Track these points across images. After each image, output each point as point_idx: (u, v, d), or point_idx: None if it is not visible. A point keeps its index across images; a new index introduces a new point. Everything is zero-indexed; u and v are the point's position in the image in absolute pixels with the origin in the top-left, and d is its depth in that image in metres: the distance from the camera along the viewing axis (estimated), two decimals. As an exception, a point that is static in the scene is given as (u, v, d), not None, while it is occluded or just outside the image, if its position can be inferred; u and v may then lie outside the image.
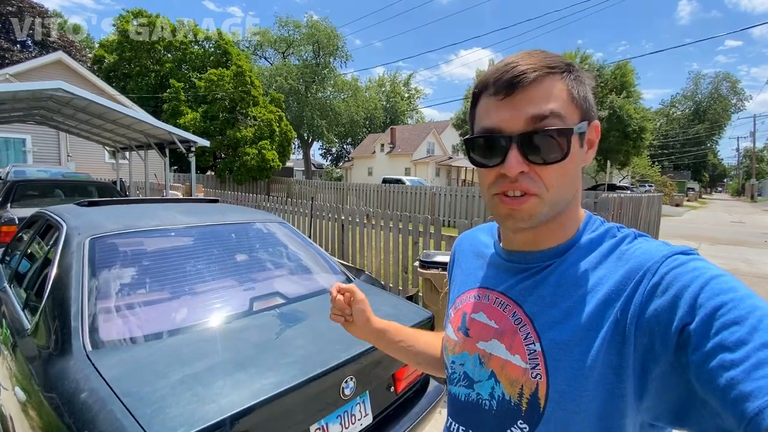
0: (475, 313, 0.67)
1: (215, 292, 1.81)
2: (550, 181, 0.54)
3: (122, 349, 1.37)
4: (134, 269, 1.77)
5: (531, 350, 0.57)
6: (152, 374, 1.24)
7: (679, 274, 0.48)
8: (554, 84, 0.54)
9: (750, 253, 9.09)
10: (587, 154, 0.59)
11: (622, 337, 0.49)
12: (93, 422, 1.04)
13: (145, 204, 2.51)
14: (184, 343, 1.44)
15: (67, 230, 1.84)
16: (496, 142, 0.55)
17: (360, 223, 5.16)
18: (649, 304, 0.48)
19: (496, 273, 0.67)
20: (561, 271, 0.58)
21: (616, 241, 0.58)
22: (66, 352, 1.32)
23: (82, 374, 1.22)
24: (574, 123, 0.54)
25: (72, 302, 1.46)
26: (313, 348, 1.49)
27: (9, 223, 4.55)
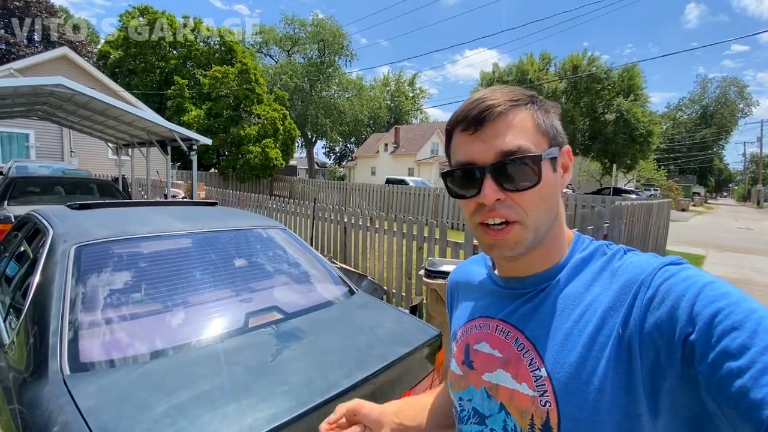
0: (477, 344, 0.66)
1: (209, 306, 1.69)
2: (527, 206, 0.56)
3: (102, 373, 1.25)
4: (122, 281, 1.65)
5: (537, 376, 0.55)
6: (133, 406, 1.12)
7: (672, 284, 0.48)
8: (518, 115, 0.57)
9: (760, 262, 8.89)
10: (563, 177, 0.62)
11: (627, 354, 0.49)
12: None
13: (139, 207, 2.39)
14: (172, 367, 1.32)
15: (53, 236, 1.73)
16: (471, 173, 0.57)
17: (363, 226, 5.04)
18: (648, 317, 0.48)
19: (494, 301, 0.67)
20: (557, 293, 0.59)
21: (607, 258, 0.59)
22: (41, 375, 1.20)
23: (56, 404, 1.10)
24: (542, 150, 0.57)
25: (51, 317, 1.35)
26: (313, 373, 1.36)
27: (4, 221, 4.45)
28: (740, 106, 52.89)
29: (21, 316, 1.46)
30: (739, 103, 52.78)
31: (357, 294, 2.15)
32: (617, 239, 3.66)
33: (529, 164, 0.55)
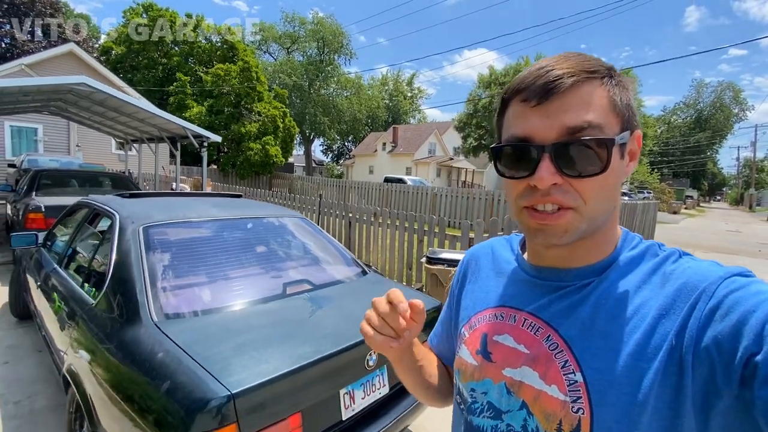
0: (498, 335, 0.61)
1: (252, 276, 2.07)
2: (588, 194, 0.50)
3: (182, 320, 1.62)
4: (182, 254, 2.03)
5: (571, 380, 0.51)
6: (212, 341, 1.49)
7: (740, 297, 0.43)
8: (594, 90, 0.50)
9: (744, 263, 9.30)
10: (628, 166, 0.55)
11: (678, 368, 0.45)
12: (173, 375, 1.29)
13: (180, 198, 2.75)
14: (232, 318, 1.70)
15: (121, 219, 2.09)
16: (526, 151, 0.51)
17: (367, 220, 5.41)
18: (706, 331, 0.44)
19: (522, 291, 0.62)
20: (601, 291, 0.53)
21: (660, 260, 0.54)
22: (136, 321, 1.57)
23: (154, 339, 1.47)
24: (614, 133, 0.50)
25: (136, 280, 1.71)
26: (342, 325, 1.74)
27: (36, 210, 4.79)
28: (735, 111, 53.62)
29: (105, 281, 1.83)
30: (734, 107, 53.51)
31: (370, 273, 2.52)
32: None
33: (598, 148, 0.48)
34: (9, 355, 3.13)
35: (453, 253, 3.28)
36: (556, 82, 0.48)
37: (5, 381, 2.78)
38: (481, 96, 24.67)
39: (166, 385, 1.27)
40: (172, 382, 1.28)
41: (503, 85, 21.85)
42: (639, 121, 0.55)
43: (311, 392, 1.48)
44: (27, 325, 3.62)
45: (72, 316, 1.96)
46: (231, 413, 1.21)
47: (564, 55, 0.52)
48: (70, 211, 2.97)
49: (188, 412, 1.19)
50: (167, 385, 1.27)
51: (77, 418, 1.93)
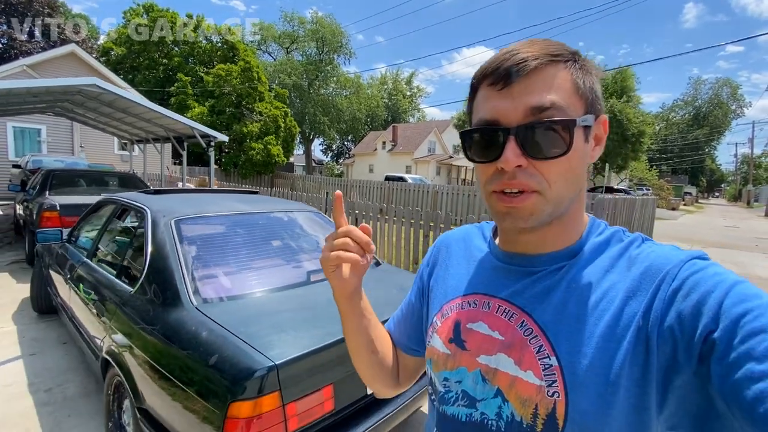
0: (472, 323, 0.61)
1: (277, 265, 2.20)
2: (552, 176, 0.51)
3: (219, 304, 1.75)
4: (212, 245, 2.16)
5: (546, 365, 0.52)
6: (250, 321, 1.62)
7: (700, 279, 0.46)
8: (557, 73, 0.51)
9: (741, 256, 9.47)
10: (594, 150, 0.56)
11: (645, 347, 0.47)
12: (220, 350, 1.43)
13: (202, 194, 2.88)
14: (263, 302, 1.83)
15: (152, 213, 2.21)
16: (493, 134, 0.52)
17: (374, 216, 5.55)
18: (670, 311, 0.46)
19: (494, 277, 0.62)
20: (572, 276, 0.55)
21: (625, 245, 0.56)
22: (177, 305, 1.71)
23: (197, 320, 1.60)
24: (577, 115, 0.51)
25: (174, 269, 1.85)
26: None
27: (51, 209, 4.91)
28: (733, 107, 53.86)
29: (143, 270, 1.96)
30: (731, 104, 53.75)
31: (383, 264, 2.66)
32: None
33: (561, 129, 0.50)
34: (35, 347, 3.26)
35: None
36: (521, 64, 0.50)
37: (34, 371, 2.91)
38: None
39: (214, 359, 1.41)
40: (220, 356, 1.41)
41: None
42: (603, 106, 0.57)
43: (341, 367, 1.61)
44: (49, 320, 3.75)
45: (109, 305, 2.09)
46: (275, 382, 1.35)
47: (530, 40, 0.54)
48: (94, 207, 3.10)
49: (237, 382, 1.32)
50: (215, 359, 1.41)
51: (115, 399, 2.07)
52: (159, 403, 1.61)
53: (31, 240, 5.32)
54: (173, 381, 1.51)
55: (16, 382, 2.76)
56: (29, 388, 2.69)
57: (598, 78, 0.55)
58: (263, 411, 1.33)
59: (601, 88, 0.56)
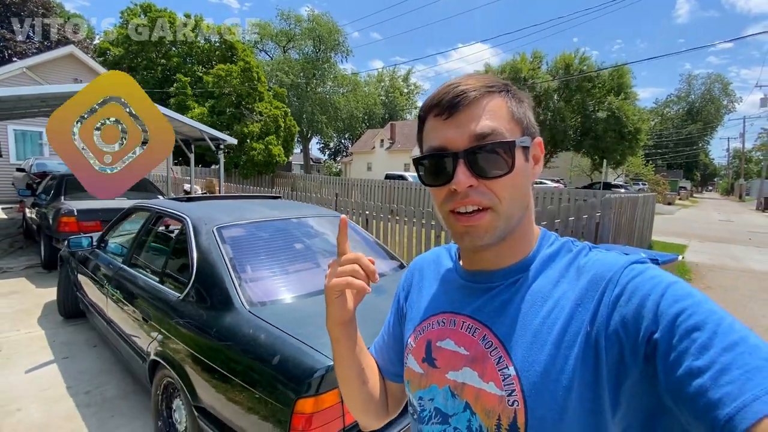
0: (440, 341, 0.64)
1: (314, 269, 2.32)
2: (501, 193, 0.55)
3: (267, 307, 1.86)
4: (252, 250, 2.27)
5: (505, 375, 0.55)
6: (301, 323, 1.73)
7: (639, 283, 0.49)
8: (494, 102, 0.56)
9: (736, 250, 9.68)
10: (534, 168, 0.61)
11: (594, 351, 0.49)
12: (282, 351, 1.54)
13: (232, 200, 2.99)
14: (307, 305, 1.95)
15: (193, 221, 2.32)
16: (443, 159, 0.56)
17: (384, 217, 5.66)
18: (614, 315, 0.49)
19: (460, 295, 0.65)
20: (525, 288, 0.58)
21: (573, 255, 0.59)
22: (230, 309, 1.82)
23: (253, 323, 1.71)
24: (516, 137, 0.56)
25: (223, 275, 1.96)
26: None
27: (68, 214, 5.00)
28: (724, 103, 54.36)
29: (190, 276, 2.06)
30: (723, 99, 54.25)
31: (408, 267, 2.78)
32: (608, 227, 4.32)
33: (503, 150, 0.55)
34: (66, 351, 3.35)
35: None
36: (461, 96, 0.55)
37: (70, 374, 3.01)
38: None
39: (277, 359, 1.52)
40: (282, 356, 1.52)
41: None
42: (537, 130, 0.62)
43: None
44: (75, 323, 3.85)
45: (155, 310, 2.19)
46: (333, 380, 1.46)
47: (468, 75, 0.60)
48: (124, 214, 3.19)
49: (302, 380, 1.43)
50: (278, 358, 1.52)
51: (164, 399, 2.18)
52: (218, 402, 1.72)
53: (47, 245, 5.39)
54: (234, 380, 1.63)
55: (53, 385, 2.86)
56: (68, 391, 2.80)
57: (530, 106, 0.61)
58: (325, 407, 1.45)
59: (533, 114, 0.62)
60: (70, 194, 5.50)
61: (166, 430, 2.15)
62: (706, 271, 7.22)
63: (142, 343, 2.32)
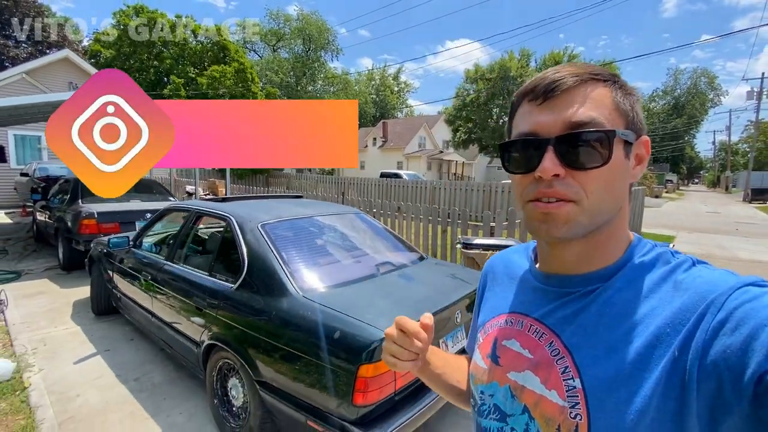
0: (506, 340, 0.64)
1: (348, 260, 2.59)
2: (589, 186, 0.51)
3: (317, 293, 2.13)
4: (294, 244, 2.53)
5: (569, 386, 0.53)
6: (351, 304, 2.00)
7: (752, 309, 0.42)
8: (597, 89, 0.53)
9: (723, 240, 10.11)
10: (635, 169, 0.56)
11: (681, 380, 0.44)
12: (341, 326, 1.81)
13: (263, 200, 3.24)
14: (351, 291, 2.22)
15: (237, 220, 2.57)
16: (531, 145, 0.54)
17: (391, 214, 5.94)
18: (714, 344, 0.43)
19: (532, 297, 0.64)
20: (606, 298, 0.54)
21: (671, 268, 0.53)
22: (286, 295, 2.08)
23: (309, 306, 1.98)
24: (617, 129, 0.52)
25: (275, 266, 2.22)
26: (433, 292, 2.29)
27: (89, 217, 5.18)
28: (710, 96, 55.52)
29: (242, 269, 2.31)
30: (709, 93, 55.40)
31: (428, 258, 3.06)
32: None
33: (599, 141, 0.50)
34: (106, 344, 3.58)
35: (486, 239, 3.83)
36: (559, 81, 0.52)
37: (115, 364, 3.24)
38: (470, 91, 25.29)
39: (338, 334, 1.79)
40: (341, 331, 1.79)
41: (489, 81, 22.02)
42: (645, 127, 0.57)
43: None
44: (108, 320, 4.07)
45: (209, 300, 2.44)
46: (388, 350, 1.74)
47: (571, 63, 0.57)
48: (160, 215, 3.42)
49: (362, 349, 1.70)
50: (339, 333, 1.79)
51: (218, 379, 2.43)
52: (279, 375, 1.98)
53: (67, 247, 5.57)
54: (295, 354, 1.89)
55: (103, 374, 3.09)
56: (118, 379, 3.03)
57: (639, 101, 0.57)
58: (381, 372, 1.73)
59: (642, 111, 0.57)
60: (87, 197, 5.67)
61: (222, 407, 2.41)
62: (693, 260, 7.60)
63: (193, 331, 2.56)
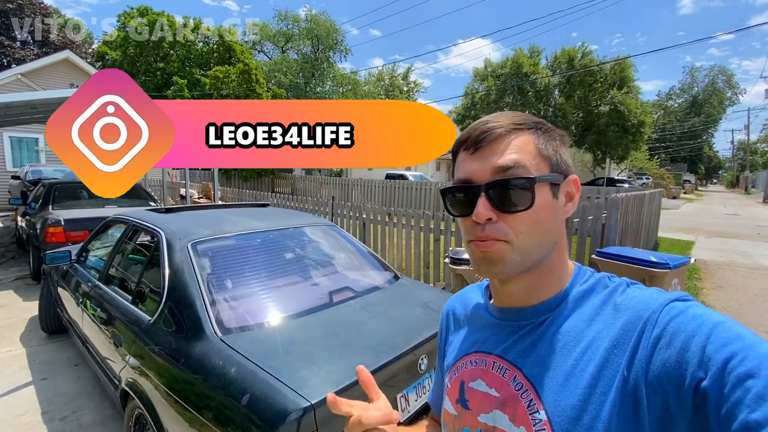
0: (473, 381, 0.63)
1: (298, 286, 2.14)
2: (518, 228, 0.55)
3: (243, 333, 1.69)
4: (230, 268, 2.09)
5: (536, 419, 0.53)
6: (278, 353, 1.56)
7: (681, 323, 0.46)
8: (520, 138, 0.57)
9: (745, 245, 9.43)
10: (566, 206, 0.60)
11: (633, 399, 0.46)
12: (252, 389, 1.36)
13: (214, 211, 2.81)
14: (289, 329, 1.77)
15: (167, 236, 2.15)
16: (467, 191, 0.58)
17: (382, 221, 5.48)
18: (654, 359, 0.46)
19: (490, 334, 0.64)
20: (556, 327, 0.56)
21: (609, 292, 0.56)
22: (201, 337, 1.64)
23: (224, 354, 1.54)
24: (540, 173, 0.56)
25: (195, 297, 1.78)
26: (392, 332, 1.82)
27: (55, 224, 4.84)
28: (728, 95, 53.80)
29: (162, 298, 1.89)
30: (727, 91, 53.69)
31: (402, 278, 2.59)
32: (614, 229, 4.12)
33: (523, 186, 0.55)
34: (46, 371, 3.19)
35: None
36: (488, 132, 0.57)
37: (47, 397, 2.85)
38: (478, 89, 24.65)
39: (246, 399, 1.34)
40: (251, 395, 1.35)
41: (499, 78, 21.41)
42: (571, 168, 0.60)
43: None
44: (59, 340, 3.69)
45: (127, 333, 2.02)
46: (312, 423, 1.29)
47: (499, 113, 0.61)
48: (103, 227, 3.02)
49: (274, 425, 1.26)
50: (247, 398, 1.34)
51: (137, 431, 2.01)
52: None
53: (36, 255, 5.25)
54: (202, 420, 1.45)
55: (29, 410, 2.70)
56: (43, 417, 2.63)
57: (564, 143, 0.60)
58: (302, 455, 1.28)
59: (568, 153, 0.61)
60: (59, 203, 5.35)
61: (139, 464, 1.99)
62: (715, 269, 7.00)
63: (116, 368, 2.15)
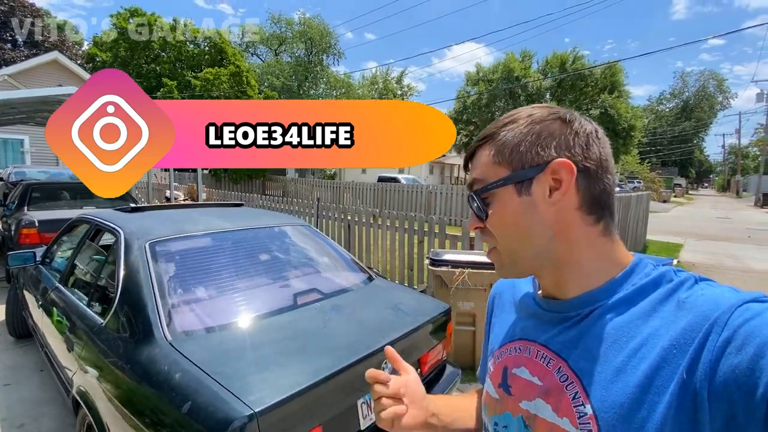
0: (516, 368, 0.62)
1: (262, 288, 2.05)
2: (497, 233, 0.59)
3: (196, 338, 1.60)
4: (190, 269, 2.00)
5: (581, 413, 0.51)
6: (229, 358, 1.47)
7: (755, 327, 0.42)
8: (481, 153, 0.60)
9: (735, 249, 9.45)
10: (553, 196, 0.55)
11: (692, 403, 0.43)
12: (194, 396, 1.28)
13: (183, 210, 2.72)
14: (247, 333, 1.68)
15: (126, 235, 2.06)
16: None
17: (366, 222, 5.40)
18: (722, 365, 0.42)
19: (536, 323, 0.63)
20: (606, 321, 0.53)
21: (673, 287, 0.52)
22: (150, 341, 1.55)
23: (170, 359, 1.45)
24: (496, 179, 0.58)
25: (146, 299, 1.69)
26: (356, 334, 1.74)
27: (29, 225, 4.71)
28: (719, 99, 54.43)
29: (114, 300, 1.80)
30: (718, 96, 54.32)
31: (377, 279, 2.52)
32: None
33: (477, 198, 0.59)
34: (10, 377, 3.08)
35: (457, 254, 3.26)
36: (469, 151, 0.63)
37: (7, 404, 2.73)
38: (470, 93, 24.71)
39: (187, 407, 1.26)
40: (193, 403, 1.26)
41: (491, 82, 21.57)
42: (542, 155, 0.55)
43: (330, 405, 1.47)
44: (26, 344, 3.57)
45: (80, 337, 1.93)
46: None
47: (498, 118, 0.63)
48: (69, 227, 2.92)
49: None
50: (188, 406, 1.26)
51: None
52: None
53: (10, 258, 5.11)
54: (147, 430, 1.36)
55: (-13, 417, 2.58)
56: (2, 424, 2.52)
57: (532, 134, 0.56)
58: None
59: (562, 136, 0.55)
60: (35, 204, 5.22)
61: (91, 476, 1.88)
62: (703, 272, 6.94)
63: (69, 373, 2.05)
